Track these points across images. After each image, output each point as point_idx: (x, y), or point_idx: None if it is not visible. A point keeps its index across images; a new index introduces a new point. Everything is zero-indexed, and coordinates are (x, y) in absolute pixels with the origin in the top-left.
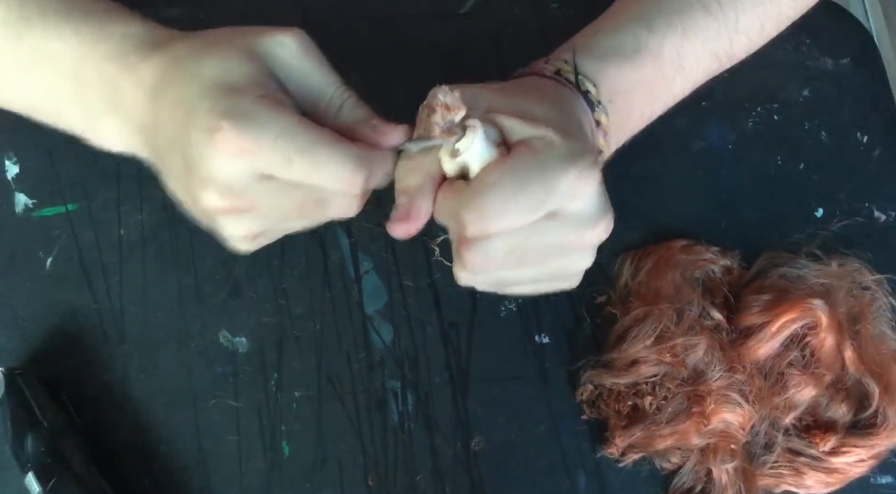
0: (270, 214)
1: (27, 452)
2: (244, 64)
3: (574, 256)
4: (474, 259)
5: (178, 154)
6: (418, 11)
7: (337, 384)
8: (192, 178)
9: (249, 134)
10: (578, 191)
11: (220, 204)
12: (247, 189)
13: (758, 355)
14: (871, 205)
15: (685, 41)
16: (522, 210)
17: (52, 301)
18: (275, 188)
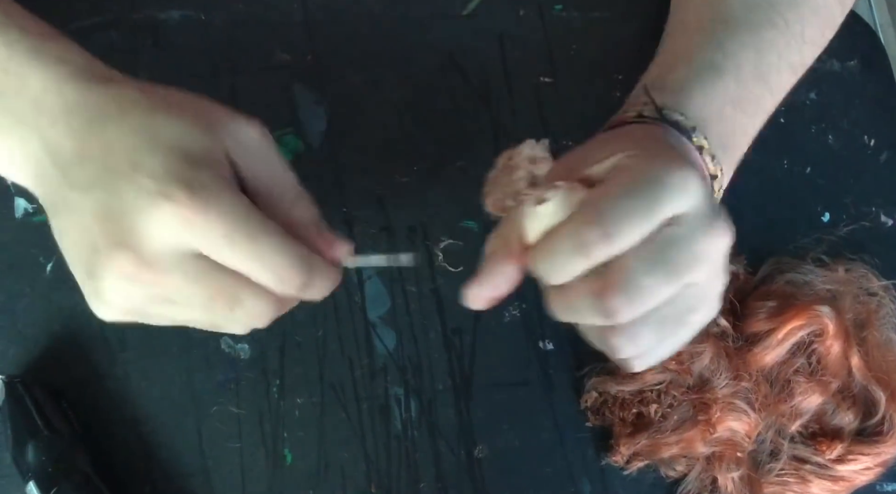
0: (170, 296)
1: (28, 460)
2: (205, 137)
3: (711, 267)
4: (625, 294)
5: (95, 199)
6: (421, 13)
7: (339, 390)
8: (105, 229)
9: (201, 207)
10: (685, 185)
11: (126, 268)
12: (167, 263)
13: (764, 362)
14: (878, 210)
15: (761, 57)
16: (640, 211)
17: (53, 307)
18: (195, 271)
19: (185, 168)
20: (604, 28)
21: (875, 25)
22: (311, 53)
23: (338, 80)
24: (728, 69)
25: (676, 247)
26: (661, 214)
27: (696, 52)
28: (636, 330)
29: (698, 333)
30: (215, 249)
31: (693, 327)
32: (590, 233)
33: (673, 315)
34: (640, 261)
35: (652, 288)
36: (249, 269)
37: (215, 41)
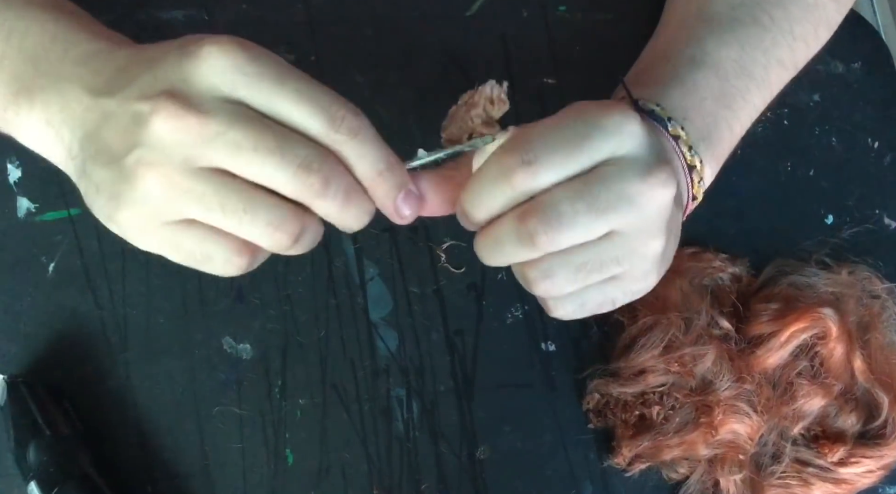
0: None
1: (30, 460)
2: None
3: (645, 217)
4: (544, 220)
5: (140, 85)
6: (424, 13)
7: (341, 391)
8: (153, 93)
9: (247, 49)
10: (621, 127)
11: (173, 110)
12: (212, 105)
13: (766, 365)
14: (882, 212)
15: (743, 53)
16: (568, 147)
17: (55, 307)
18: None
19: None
20: (607, 29)
21: (878, 28)
22: (315, 53)
23: (341, 81)
24: (707, 64)
25: (604, 184)
26: (590, 150)
27: (676, 48)
28: (553, 268)
29: (702, 336)
30: (271, 91)
31: (623, 286)
32: (512, 160)
33: (594, 261)
34: (564, 191)
35: (573, 218)
36: (301, 112)
37: None
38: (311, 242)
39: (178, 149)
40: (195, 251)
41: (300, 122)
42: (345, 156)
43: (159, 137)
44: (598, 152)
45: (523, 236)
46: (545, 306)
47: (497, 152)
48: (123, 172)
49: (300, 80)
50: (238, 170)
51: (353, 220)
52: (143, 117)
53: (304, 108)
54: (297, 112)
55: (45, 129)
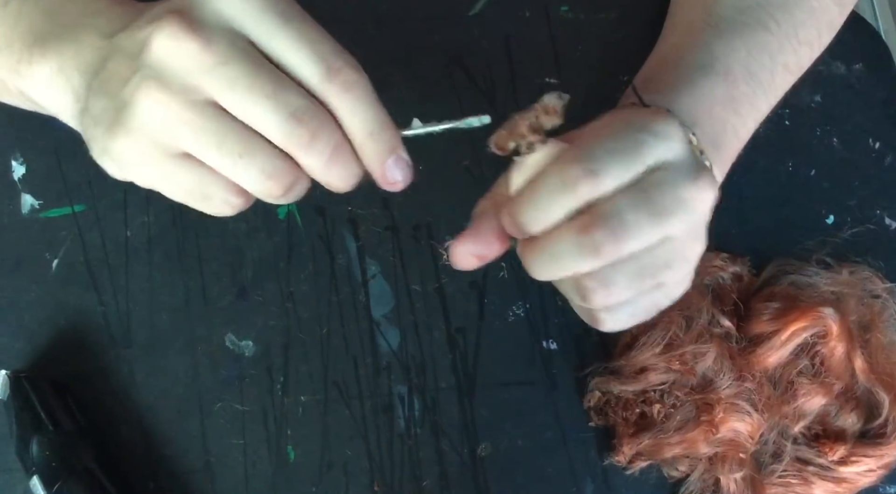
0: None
1: (32, 455)
2: None
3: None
4: (609, 228)
5: (151, 13)
6: (427, 13)
7: (343, 388)
8: (161, 10)
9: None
10: (669, 133)
11: (177, 27)
12: (216, 31)
13: (767, 363)
14: (883, 213)
15: (751, 59)
16: (626, 153)
17: (58, 303)
18: (240, 48)
19: None
20: (609, 29)
21: (879, 30)
22: None
23: None
24: (717, 70)
25: (662, 191)
26: (646, 157)
27: (685, 53)
28: (612, 277)
29: (703, 335)
30: (263, 22)
31: (667, 291)
32: (575, 169)
33: (649, 267)
34: (626, 199)
35: (636, 226)
36: (298, 55)
37: None
38: (299, 194)
39: (178, 74)
40: (193, 189)
41: (296, 67)
42: (336, 110)
43: (159, 58)
44: (653, 157)
45: (586, 246)
46: (595, 320)
47: (556, 164)
48: (123, 99)
49: (304, 23)
50: (232, 108)
51: (338, 180)
52: (147, 39)
53: (302, 53)
54: (294, 55)
55: (55, 78)
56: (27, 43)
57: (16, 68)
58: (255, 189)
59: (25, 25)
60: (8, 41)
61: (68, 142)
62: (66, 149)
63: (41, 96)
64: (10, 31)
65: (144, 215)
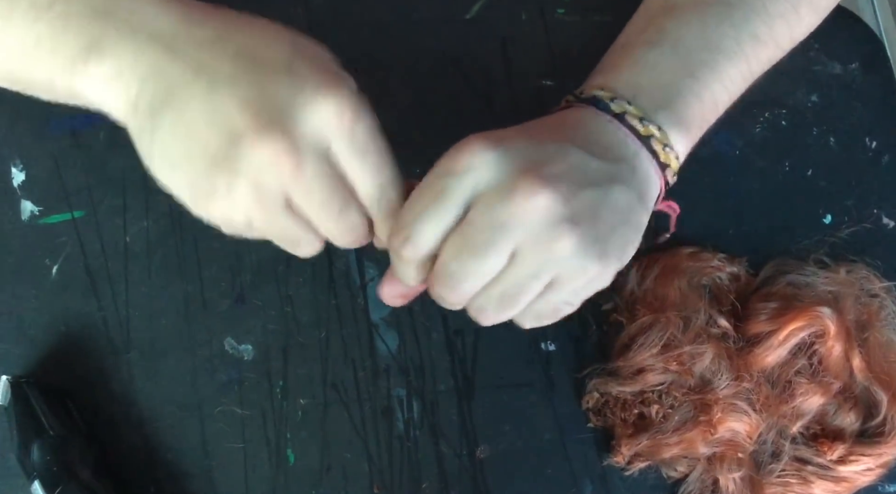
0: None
1: (33, 460)
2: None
3: (527, 230)
4: (443, 282)
5: (243, 89)
6: (423, 16)
7: (342, 391)
8: (257, 116)
9: (357, 106)
10: (470, 164)
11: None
12: (310, 153)
13: (765, 363)
14: (880, 212)
15: (706, 28)
16: (433, 207)
17: (58, 308)
18: (327, 169)
19: (337, 72)
20: (606, 31)
21: (878, 28)
22: None
23: None
24: (663, 43)
25: (475, 227)
26: (454, 200)
27: (634, 35)
28: (480, 305)
29: (700, 335)
30: (350, 150)
31: (561, 288)
32: (394, 240)
33: (512, 285)
34: (448, 249)
35: (464, 271)
36: (361, 175)
37: None
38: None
39: (269, 182)
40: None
41: (360, 185)
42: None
43: (252, 158)
44: (462, 196)
45: (437, 298)
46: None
47: (388, 241)
48: (207, 167)
49: (378, 154)
50: (300, 207)
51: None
52: (242, 134)
53: (367, 180)
54: (361, 180)
55: (113, 82)
56: (81, 44)
57: (69, 69)
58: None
59: (76, 26)
60: (57, 44)
61: (68, 149)
62: (65, 156)
63: (95, 97)
64: (59, 34)
65: (143, 220)
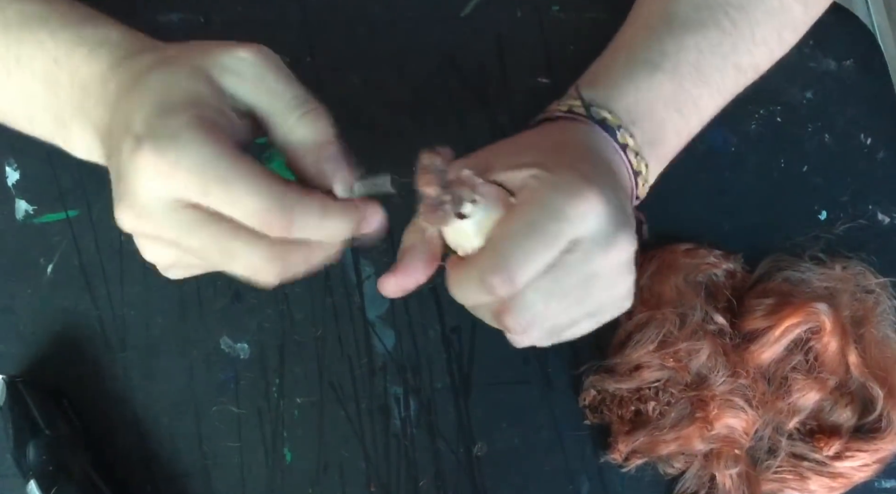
0: (179, 247)
1: (29, 460)
2: (189, 81)
3: (611, 279)
4: (520, 319)
5: (114, 163)
6: (419, 14)
7: (339, 390)
8: (116, 189)
9: (166, 157)
10: (585, 214)
11: (133, 224)
12: (161, 214)
13: (761, 359)
14: (875, 208)
15: (701, 58)
16: (541, 251)
17: (53, 308)
18: (187, 221)
19: (158, 119)
20: (600, 29)
21: (872, 25)
22: (310, 54)
23: (336, 81)
24: (664, 68)
25: (571, 274)
26: (560, 243)
27: (635, 49)
28: (536, 337)
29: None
30: (195, 196)
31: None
32: (494, 278)
33: (569, 322)
34: (536, 292)
35: (545, 312)
36: (230, 213)
37: None
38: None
39: (149, 242)
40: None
41: (242, 221)
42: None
43: (123, 226)
44: (567, 240)
45: (501, 325)
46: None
47: (476, 265)
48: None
49: (222, 184)
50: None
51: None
52: (117, 214)
53: (236, 215)
54: (229, 214)
55: (91, 153)
56: (49, 117)
57: (52, 141)
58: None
59: (40, 101)
60: (30, 114)
61: (62, 148)
62: (59, 155)
63: (87, 158)
64: (26, 106)
65: None
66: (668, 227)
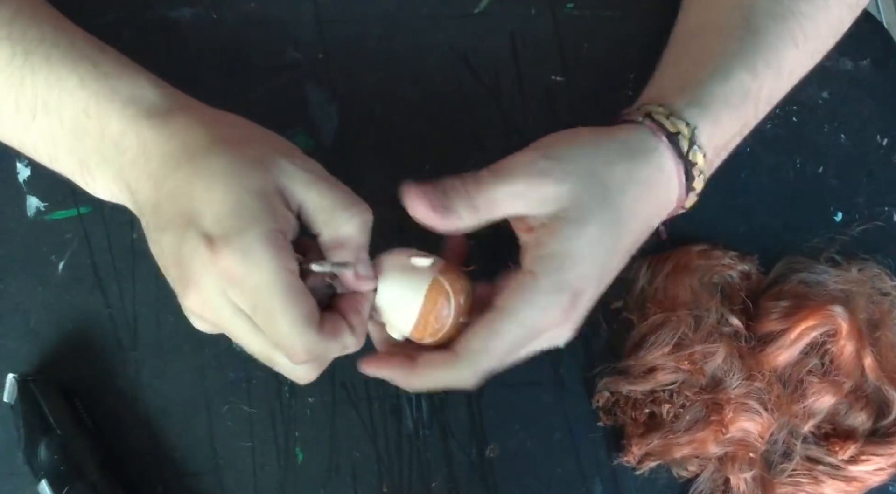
0: (230, 333)
1: (40, 459)
2: (256, 179)
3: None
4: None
5: (167, 241)
6: (432, 11)
7: (351, 390)
8: (177, 270)
9: (237, 269)
10: (564, 339)
11: (195, 307)
12: (219, 308)
13: (777, 362)
14: (891, 210)
15: (779, 81)
16: (511, 358)
17: (65, 306)
18: (239, 323)
19: (232, 226)
20: (615, 26)
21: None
22: (323, 52)
23: (349, 79)
24: (752, 93)
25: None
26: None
27: (734, 69)
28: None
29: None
30: (244, 308)
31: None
32: (471, 380)
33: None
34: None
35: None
36: (266, 332)
37: (227, 40)
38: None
39: (206, 324)
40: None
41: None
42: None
43: (183, 303)
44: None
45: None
46: None
47: (455, 367)
48: (178, 289)
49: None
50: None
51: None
52: (174, 280)
53: (268, 334)
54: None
55: (115, 194)
56: (73, 162)
57: (73, 179)
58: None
59: (64, 146)
60: (53, 155)
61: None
62: None
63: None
64: (50, 148)
65: None
66: (684, 228)
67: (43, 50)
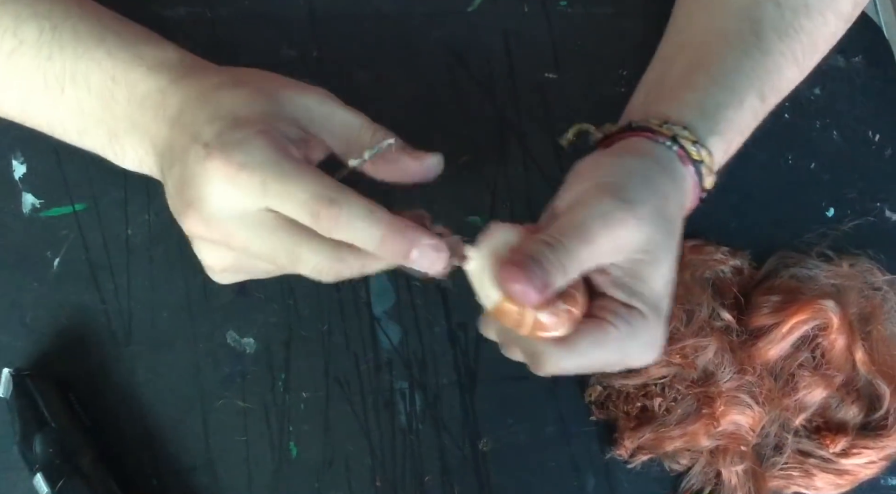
0: (243, 252)
1: (35, 453)
2: (261, 103)
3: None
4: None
5: (175, 173)
6: (426, 9)
7: (345, 385)
8: (181, 197)
9: (233, 160)
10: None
11: (200, 229)
12: (230, 220)
13: (768, 356)
14: (883, 205)
15: (777, 99)
16: (596, 369)
17: (60, 301)
18: (257, 226)
19: (228, 130)
20: (608, 24)
21: (880, 23)
22: (317, 49)
23: (343, 76)
24: (758, 115)
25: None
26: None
27: (746, 93)
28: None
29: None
30: (259, 199)
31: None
32: (549, 367)
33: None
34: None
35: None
36: (285, 208)
37: (221, 37)
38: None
39: (217, 249)
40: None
41: (296, 218)
42: (342, 238)
43: (190, 233)
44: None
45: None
46: None
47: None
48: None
49: (280, 181)
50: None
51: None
52: (180, 212)
53: (289, 208)
54: (288, 211)
55: (143, 163)
56: (102, 132)
57: (102, 153)
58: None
59: (92, 117)
60: (82, 128)
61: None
62: (66, 148)
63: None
64: (79, 121)
65: (145, 213)
66: None
67: (70, 24)
